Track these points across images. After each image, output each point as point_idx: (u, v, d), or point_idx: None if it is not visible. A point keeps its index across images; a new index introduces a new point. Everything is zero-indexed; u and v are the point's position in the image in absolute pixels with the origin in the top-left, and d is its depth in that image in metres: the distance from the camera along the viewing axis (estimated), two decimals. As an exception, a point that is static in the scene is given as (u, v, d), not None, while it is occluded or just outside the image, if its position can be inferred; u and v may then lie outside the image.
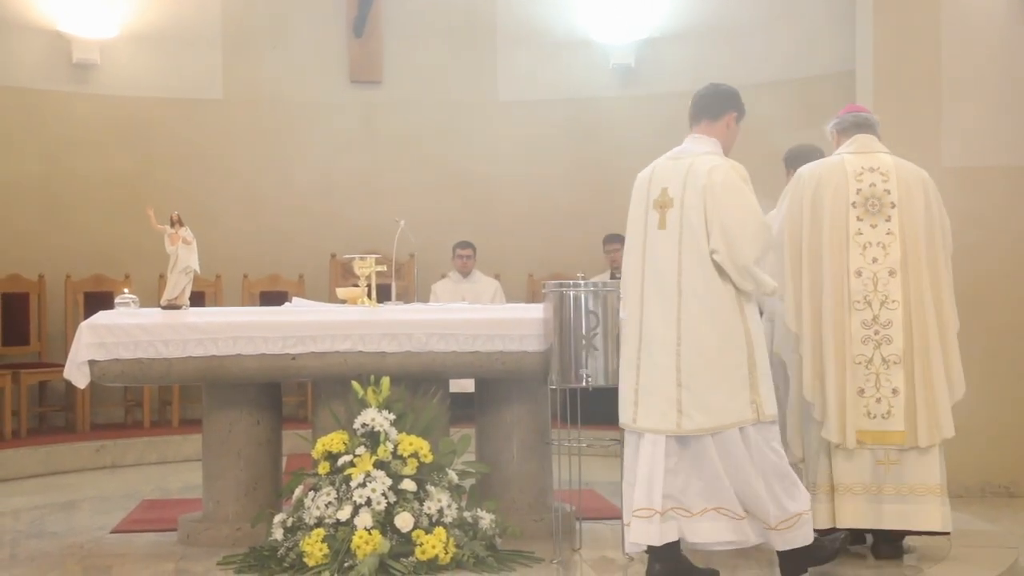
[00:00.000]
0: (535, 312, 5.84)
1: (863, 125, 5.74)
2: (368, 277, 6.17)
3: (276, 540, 5.33)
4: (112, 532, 6.28)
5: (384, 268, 6.37)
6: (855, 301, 5.41)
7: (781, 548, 4.93)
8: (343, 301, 6.35)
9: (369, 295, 6.15)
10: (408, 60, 10.78)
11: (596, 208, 10.38)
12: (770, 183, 8.73)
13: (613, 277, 9.69)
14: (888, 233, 5.48)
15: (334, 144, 10.64)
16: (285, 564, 5.20)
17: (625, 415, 5.01)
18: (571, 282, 5.57)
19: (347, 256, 6.92)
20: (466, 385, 7.26)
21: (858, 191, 5.53)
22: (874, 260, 5.45)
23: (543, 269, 10.40)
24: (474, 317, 5.88)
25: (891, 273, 5.43)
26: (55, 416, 9.80)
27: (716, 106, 5.16)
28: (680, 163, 5.04)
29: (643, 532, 4.83)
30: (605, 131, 10.52)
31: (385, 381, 5.53)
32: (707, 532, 4.89)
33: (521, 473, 6.03)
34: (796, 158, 6.15)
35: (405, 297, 8.74)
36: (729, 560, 5.42)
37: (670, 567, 4.89)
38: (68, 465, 8.70)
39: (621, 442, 5.70)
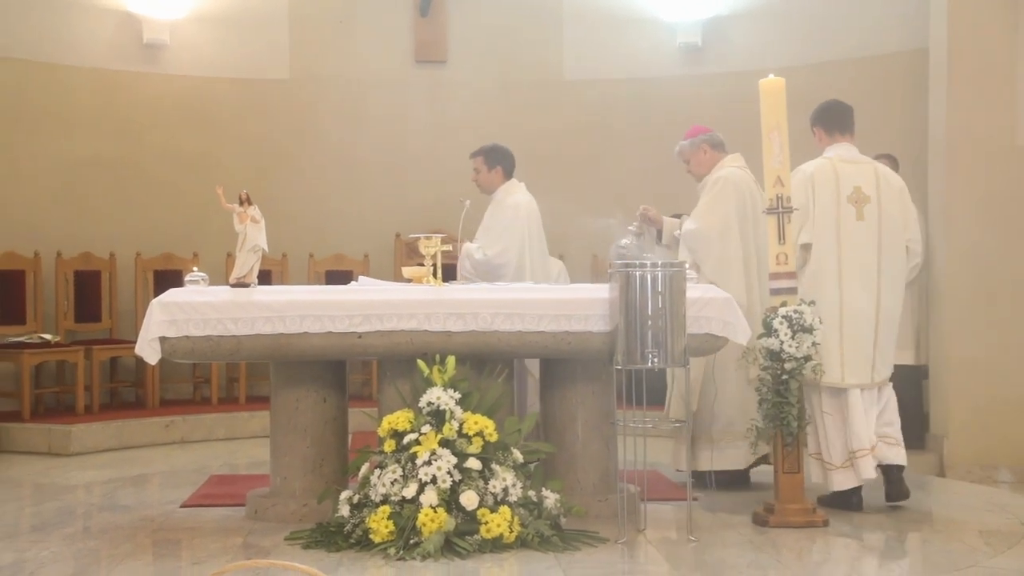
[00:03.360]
0: (601, 292, 5.82)
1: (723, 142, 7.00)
2: (434, 256, 6.18)
3: (342, 516, 5.37)
4: (182, 506, 6.38)
5: (450, 247, 6.38)
6: None
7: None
8: (408, 280, 6.37)
9: (435, 274, 6.16)
10: (473, 39, 10.77)
11: (661, 189, 10.28)
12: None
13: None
14: None
15: (399, 123, 10.68)
16: (351, 540, 5.24)
17: (832, 376, 5.99)
18: (637, 262, 5.54)
19: (412, 235, 6.93)
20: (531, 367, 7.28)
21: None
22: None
23: (608, 250, 10.33)
24: (539, 297, 5.87)
25: None
26: (126, 392, 9.97)
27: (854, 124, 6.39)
28: (862, 167, 6.23)
29: (868, 468, 5.98)
30: (671, 110, 10.43)
31: (451, 360, 5.54)
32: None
33: (586, 453, 6.03)
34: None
35: (470, 277, 8.75)
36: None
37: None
38: (138, 440, 8.85)
39: (686, 422, 5.70)
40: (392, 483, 5.27)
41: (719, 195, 6.76)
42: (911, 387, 8.40)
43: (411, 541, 5.10)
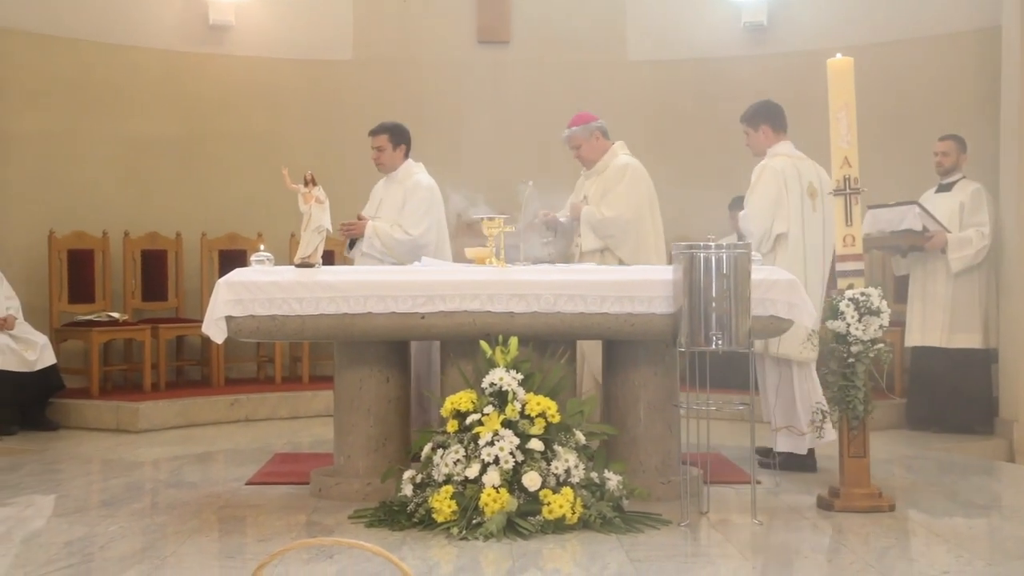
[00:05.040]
0: (664, 274, 5.79)
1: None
2: (497, 237, 6.18)
3: (405, 496, 5.40)
4: (247, 484, 6.45)
5: (512, 228, 6.37)
6: None
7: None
8: (471, 261, 6.38)
9: (497, 255, 6.16)
10: (536, 20, 10.72)
11: (723, 170, 10.21)
12: (911, 142, 8.53)
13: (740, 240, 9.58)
14: None
15: (462, 104, 10.66)
16: (415, 519, 5.27)
17: (810, 353, 6.25)
18: (701, 244, 5.50)
19: (475, 216, 6.93)
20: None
21: None
22: None
23: (669, 231, 10.23)
24: (603, 278, 5.85)
25: None
26: (191, 370, 10.09)
27: None
28: (809, 163, 6.78)
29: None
30: (736, 92, 10.28)
31: (513, 341, 5.55)
32: None
33: (648, 435, 6.00)
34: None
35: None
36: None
37: None
38: (204, 418, 8.95)
39: (749, 405, 5.65)
40: (455, 463, 5.29)
41: (632, 183, 7.06)
42: (980, 371, 8.29)
43: (473, 521, 5.12)
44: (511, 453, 5.24)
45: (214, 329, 5.76)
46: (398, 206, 7.41)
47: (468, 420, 5.40)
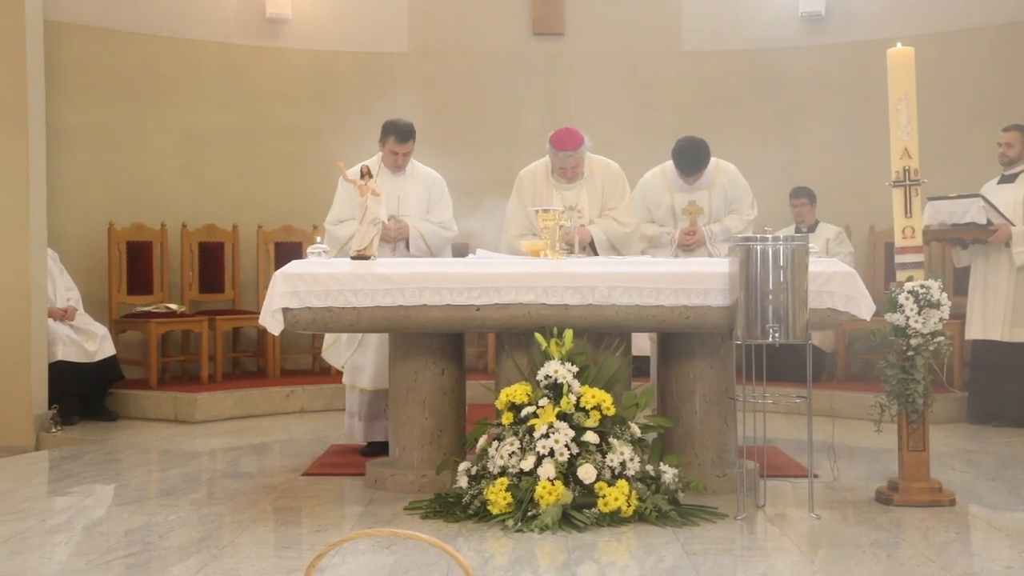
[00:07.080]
0: (720, 266, 5.74)
1: None
2: (551, 230, 6.16)
3: (461, 488, 5.41)
4: (303, 475, 6.49)
5: (567, 221, 6.35)
6: None
7: None
8: (526, 253, 6.37)
9: (552, 248, 6.14)
10: (591, 11, 10.69)
11: (781, 161, 10.12)
12: (972, 132, 8.38)
13: (798, 231, 9.50)
14: None
15: (516, 96, 10.65)
16: (470, 511, 5.28)
17: None
18: (758, 236, 5.45)
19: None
20: (642, 348, 7.26)
21: None
22: None
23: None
24: (658, 271, 5.82)
25: None
26: (247, 361, 10.18)
27: None
28: None
29: None
30: (792, 83, 10.24)
31: (568, 333, 5.53)
32: None
33: (704, 429, 5.98)
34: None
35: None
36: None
37: None
38: (260, 409, 9.02)
39: (807, 399, 5.60)
40: (510, 455, 5.29)
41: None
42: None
43: (529, 513, 5.12)
44: (566, 446, 5.24)
45: (271, 321, 5.80)
46: (421, 202, 7.26)
47: (523, 412, 5.39)
